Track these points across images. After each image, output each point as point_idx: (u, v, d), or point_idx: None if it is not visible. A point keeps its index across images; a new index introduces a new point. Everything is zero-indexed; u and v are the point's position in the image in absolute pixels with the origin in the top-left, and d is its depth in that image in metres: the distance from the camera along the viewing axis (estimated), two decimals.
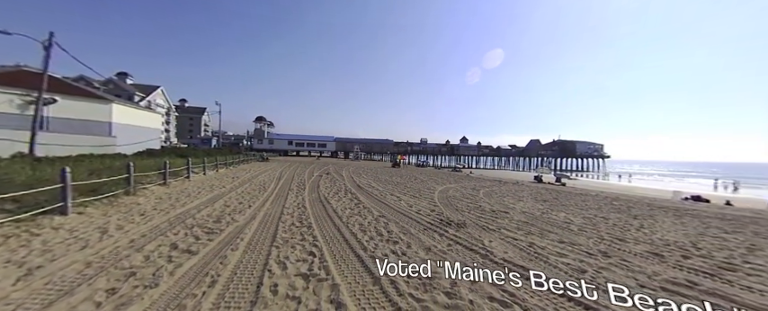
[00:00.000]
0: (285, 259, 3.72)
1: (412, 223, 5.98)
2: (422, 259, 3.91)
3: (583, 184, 26.10)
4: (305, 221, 5.70)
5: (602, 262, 4.05)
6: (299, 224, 5.49)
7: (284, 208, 6.90)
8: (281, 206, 7.13)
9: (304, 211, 6.62)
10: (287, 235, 4.78)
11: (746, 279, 3.66)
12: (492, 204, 8.89)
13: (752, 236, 6.10)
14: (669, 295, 3.14)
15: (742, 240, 5.72)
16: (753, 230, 6.72)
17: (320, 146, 64.90)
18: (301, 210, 6.69)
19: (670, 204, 11.57)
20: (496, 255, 4.15)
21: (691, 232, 6.28)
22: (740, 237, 5.95)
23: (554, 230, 5.85)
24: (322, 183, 12.09)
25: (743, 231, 6.58)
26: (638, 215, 8.22)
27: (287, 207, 7.01)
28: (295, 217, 5.97)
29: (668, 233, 6.08)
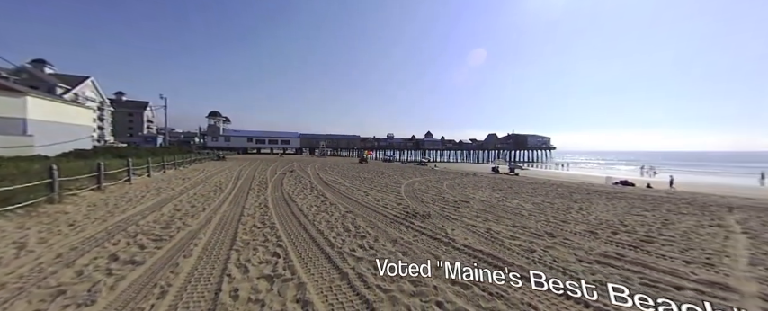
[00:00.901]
0: (246, 262, 3.54)
1: (379, 217, 6.04)
2: (389, 251, 3.99)
3: (533, 174, 28.66)
4: (268, 221, 5.45)
5: (548, 242, 4.50)
6: (261, 225, 5.24)
7: (244, 209, 6.52)
8: (241, 207, 6.73)
9: (266, 211, 6.32)
10: (248, 236, 4.54)
11: (661, 249, 4.33)
12: (454, 195, 9.34)
13: (665, 213, 7.22)
14: (602, 266, 3.61)
15: (658, 216, 6.75)
16: (666, 208, 7.96)
17: (283, 142, 62.02)
18: (264, 210, 6.38)
19: (603, 188, 13.19)
20: (458, 242, 4.39)
21: (619, 212, 7.24)
22: (657, 214, 7.02)
23: (508, 216, 6.34)
24: (286, 182, 11.64)
25: (659, 209, 7.76)
26: (578, 199, 9.25)
27: (247, 208, 6.63)
28: (257, 218, 5.68)
29: (601, 213, 6.94)
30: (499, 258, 3.80)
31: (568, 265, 3.62)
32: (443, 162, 58.22)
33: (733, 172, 39.67)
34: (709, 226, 5.90)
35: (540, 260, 3.78)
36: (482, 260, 3.78)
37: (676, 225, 5.93)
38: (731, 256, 4.06)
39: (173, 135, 66.36)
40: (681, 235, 5.14)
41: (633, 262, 3.76)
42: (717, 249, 4.36)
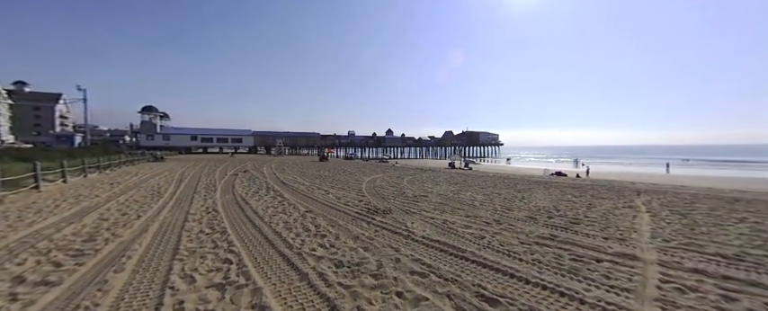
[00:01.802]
0: (193, 271, 3.24)
1: (340, 215, 5.98)
2: (351, 248, 3.99)
3: (484, 168, 30.93)
4: (217, 227, 5.04)
5: (495, 229, 4.93)
6: (209, 230, 4.83)
7: (188, 214, 5.94)
8: (185, 212, 6.11)
9: (216, 216, 5.84)
10: (193, 244, 4.15)
11: (586, 229, 5.02)
12: (414, 190, 9.65)
13: (590, 198, 8.37)
14: (539, 247, 4.06)
15: (584, 201, 7.79)
16: (591, 194, 9.23)
17: (235, 140, 57.28)
18: (212, 215, 5.88)
19: (542, 179, 14.80)
20: (417, 234, 4.56)
21: (554, 199, 8.20)
22: (583, 199, 8.10)
23: (462, 207, 6.77)
24: (238, 183, 10.85)
25: (585, 195, 8.96)
26: (521, 189, 10.25)
27: (192, 213, 6.05)
28: (204, 224, 5.22)
29: (539, 201, 7.79)
30: (454, 246, 4.04)
31: (512, 248, 4.00)
32: (404, 158, 59.53)
33: (642, 162, 48.32)
34: (622, 207, 7.00)
35: (489, 245, 4.13)
36: (439, 249, 3.98)
37: (598, 208, 6.91)
38: (638, 232, 4.89)
39: (96, 133, 57.16)
40: (601, 216, 6.02)
41: (564, 242, 4.31)
42: (627, 226, 5.20)
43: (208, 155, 43.39)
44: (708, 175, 25.02)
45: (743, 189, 11.02)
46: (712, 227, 5.12)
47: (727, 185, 12.99)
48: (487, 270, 3.34)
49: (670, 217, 5.89)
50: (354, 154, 55.43)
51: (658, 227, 5.15)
